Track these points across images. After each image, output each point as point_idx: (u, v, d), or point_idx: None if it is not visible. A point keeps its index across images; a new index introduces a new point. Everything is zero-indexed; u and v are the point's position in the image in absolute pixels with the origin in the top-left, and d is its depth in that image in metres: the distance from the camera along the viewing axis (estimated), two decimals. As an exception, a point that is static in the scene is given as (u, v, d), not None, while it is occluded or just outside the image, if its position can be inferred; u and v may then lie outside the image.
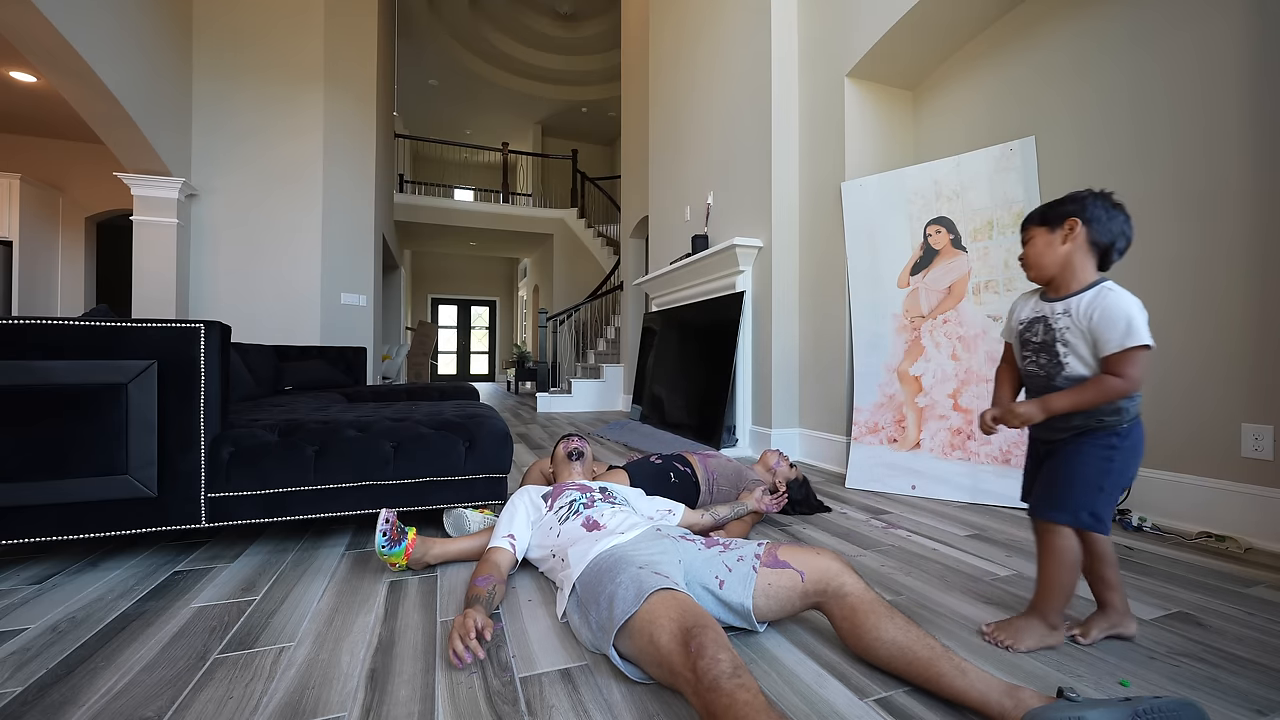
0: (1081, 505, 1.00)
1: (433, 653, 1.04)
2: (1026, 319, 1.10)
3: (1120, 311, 0.95)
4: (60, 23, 2.64)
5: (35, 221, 5.12)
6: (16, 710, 0.86)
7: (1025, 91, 2.34)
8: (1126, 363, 0.95)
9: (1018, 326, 1.12)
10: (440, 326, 12.61)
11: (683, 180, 4.33)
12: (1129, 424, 1.00)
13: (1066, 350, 1.02)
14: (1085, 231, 1.01)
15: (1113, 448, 1.00)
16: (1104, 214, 1.01)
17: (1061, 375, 1.03)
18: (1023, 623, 1.06)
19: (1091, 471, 1.00)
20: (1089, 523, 1.00)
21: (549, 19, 8.13)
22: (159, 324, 1.41)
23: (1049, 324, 1.04)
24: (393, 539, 1.35)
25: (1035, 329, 1.07)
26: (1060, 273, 1.04)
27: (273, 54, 4.53)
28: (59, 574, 1.41)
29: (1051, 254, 1.04)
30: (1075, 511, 1.00)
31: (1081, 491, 1.00)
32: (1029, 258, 1.08)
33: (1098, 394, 0.97)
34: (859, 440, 2.50)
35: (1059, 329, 1.03)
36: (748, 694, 0.71)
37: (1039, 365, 1.07)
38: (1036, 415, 1.02)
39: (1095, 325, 0.97)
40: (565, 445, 1.73)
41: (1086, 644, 1.06)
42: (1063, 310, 1.02)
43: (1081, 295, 1.01)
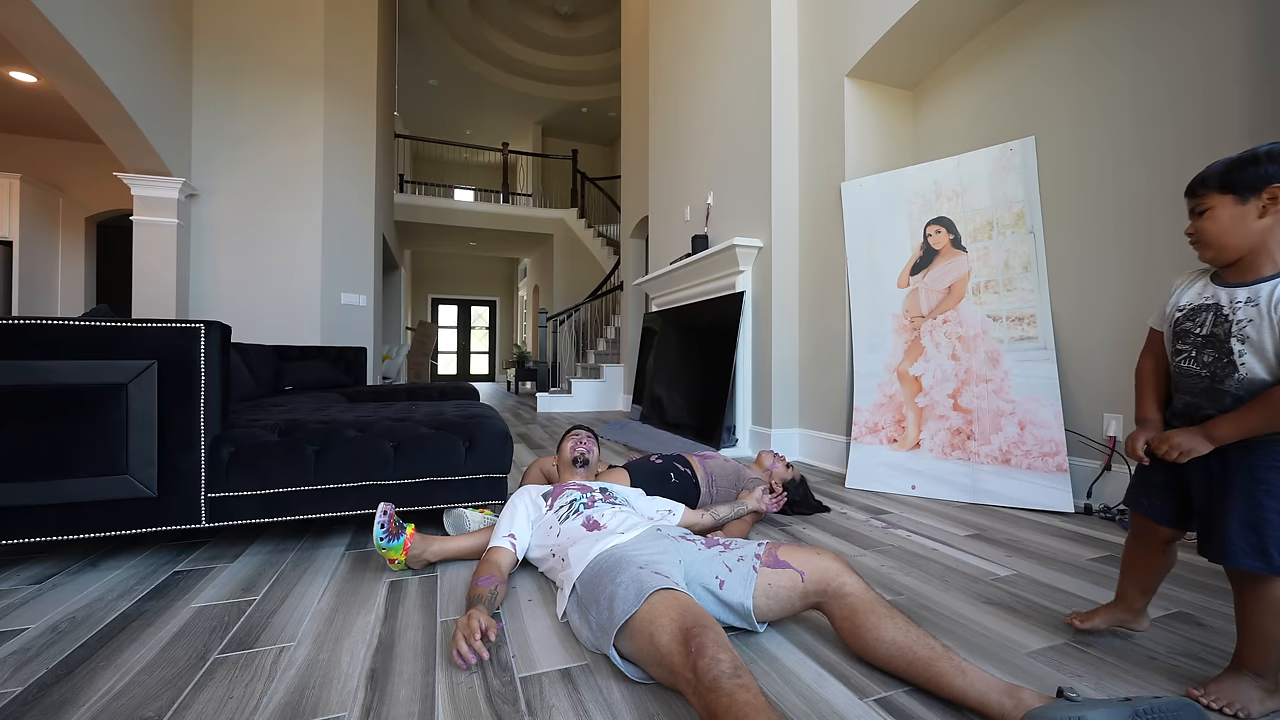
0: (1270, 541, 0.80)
1: (433, 653, 1.04)
2: (1190, 305, 0.90)
3: None
4: (60, 23, 2.64)
5: (35, 221, 5.12)
6: (16, 710, 0.86)
7: (1025, 91, 2.35)
8: None
9: (1175, 314, 0.92)
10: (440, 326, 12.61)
11: (683, 180, 4.33)
12: None
13: (1244, 348, 0.82)
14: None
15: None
16: None
17: (1233, 378, 0.83)
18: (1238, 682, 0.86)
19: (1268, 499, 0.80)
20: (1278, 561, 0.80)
21: (549, 19, 8.13)
22: (159, 324, 1.41)
23: (1223, 313, 0.84)
24: (391, 532, 1.34)
25: (1201, 318, 0.87)
26: (1252, 253, 0.82)
27: (273, 54, 4.53)
28: (59, 574, 1.41)
29: (1243, 229, 0.81)
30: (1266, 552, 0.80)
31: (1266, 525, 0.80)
32: (1207, 234, 0.85)
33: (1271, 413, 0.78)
34: (859, 440, 2.50)
35: (1238, 320, 0.82)
36: (748, 694, 0.71)
37: (1201, 364, 0.87)
38: (1201, 448, 0.84)
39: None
40: (573, 447, 1.70)
41: (1084, 628, 1.06)
42: (1246, 298, 0.82)
43: (1276, 281, 0.80)
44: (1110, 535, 1.73)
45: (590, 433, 1.78)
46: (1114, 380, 1.99)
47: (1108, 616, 1.06)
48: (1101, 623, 1.06)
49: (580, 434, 1.75)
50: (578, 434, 1.75)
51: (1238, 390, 0.83)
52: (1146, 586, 1.04)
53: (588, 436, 1.75)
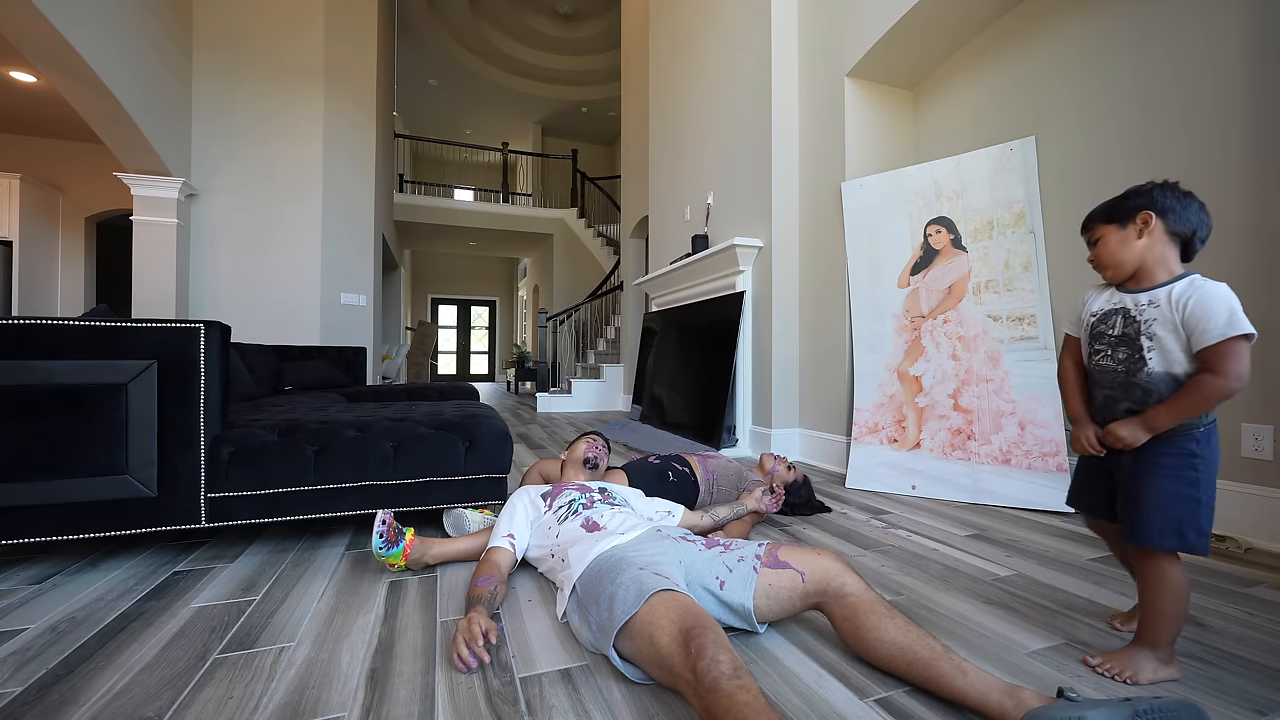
0: (1186, 524, 0.90)
1: (433, 653, 1.04)
2: (1101, 310, 1.02)
3: (1220, 300, 0.88)
4: (60, 22, 2.64)
5: (35, 221, 5.12)
6: (16, 710, 0.86)
7: (1026, 91, 2.34)
8: (1228, 356, 0.87)
9: (1090, 319, 1.03)
10: (440, 326, 12.61)
11: (683, 180, 4.33)
12: (1206, 428, 0.92)
13: (1152, 344, 0.94)
14: (1162, 223, 0.95)
15: (1194, 454, 0.91)
16: (1176, 203, 0.94)
17: (1143, 372, 0.95)
18: (1133, 653, 0.96)
19: (1182, 484, 0.91)
20: (1195, 542, 0.90)
21: (549, 19, 8.13)
22: (159, 324, 1.41)
23: (1131, 315, 0.96)
24: (390, 540, 1.34)
25: (1112, 321, 0.99)
26: (1142, 268, 0.97)
27: (273, 54, 4.53)
28: (59, 574, 1.41)
29: (1128, 250, 0.97)
30: (1181, 533, 0.91)
31: (1181, 508, 0.91)
32: (1102, 258, 1.01)
33: (1199, 399, 0.88)
34: (859, 440, 2.50)
35: (1145, 320, 0.94)
36: (748, 695, 0.71)
37: (1116, 360, 0.98)
38: (1141, 437, 0.93)
39: (1191, 315, 0.89)
40: (589, 447, 1.72)
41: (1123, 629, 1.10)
42: (1148, 301, 0.95)
43: (1172, 285, 0.93)
44: (1110, 535, 1.73)
45: (606, 441, 1.80)
46: (1114, 380, 1.99)
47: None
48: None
49: (597, 440, 1.77)
50: (594, 439, 1.77)
51: (1147, 382, 0.95)
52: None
53: (604, 444, 1.77)
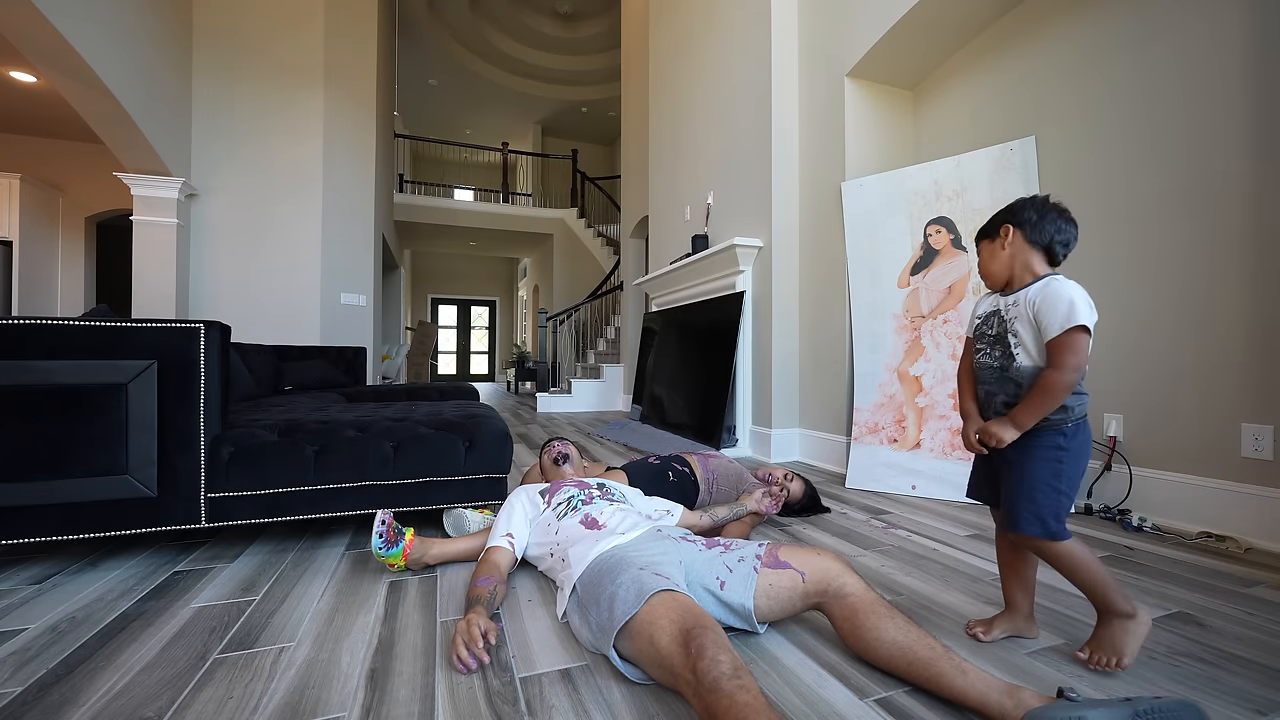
0: (1047, 512, 0.98)
1: (433, 653, 1.04)
2: (984, 313, 1.12)
3: (1062, 296, 0.96)
4: (60, 22, 2.64)
5: (35, 221, 5.12)
6: (16, 710, 0.86)
7: (1026, 91, 2.34)
8: (1065, 348, 0.94)
9: (975, 321, 1.14)
10: (440, 326, 12.61)
11: (683, 180, 4.33)
12: (1075, 423, 0.99)
13: (1017, 341, 1.03)
14: (1020, 233, 1.05)
15: (1060, 448, 0.99)
16: (1034, 215, 1.04)
17: (1013, 367, 1.03)
18: (1106, 633, 0.99)
19: (1046, 474, 0.98)
20: (1056, 529, 0.97)
21: (549, 19, 8.12)
22: (159, 324, 1.41)
23: (1001, 316, 1.06)
24: (389, 540, 1.34)
25: (991, 322, 1.09)
26: (1011, 274, 1.07)
27: (273, 54, 4.53)
28: (59, 574, 1.41)
29: (996, 261, 1.08)
30: (1043, 520, 0.97)
31: (1044, 497, 0.98)
32: (981, 269, 1.13)
33: (1045, 394, 0.96)
34: (859, 440, 2.50)
35: (1009, 319, 1.04)
36: (748, 695, 0.71)
37: (993, 358, 1.07)
38: (1010, 434, 1.00)
39: (1038, 311, 0.98)
40: (549, 453, 1.76)
41: (986, 640, 1.08)
42: (1013, 302, 1.04)
43: (1031, 286, 1.02)
44: (1110, 535, 1.73)
45: (567, 441, 1.83)
46: (1114, 380, 1.99)
47: (1004, 625, 1.10)
48: (1000, 632, 1.09)
49: (554, 442, 1.80)
50: (551, 444, 1.80)
51: (1017, 376, 1.02)
52: (1024, 581, 1.09)
53: (561, 441, 1.80)
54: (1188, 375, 1.82)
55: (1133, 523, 1.79)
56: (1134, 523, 1.79)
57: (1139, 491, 1.89)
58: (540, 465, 1.79)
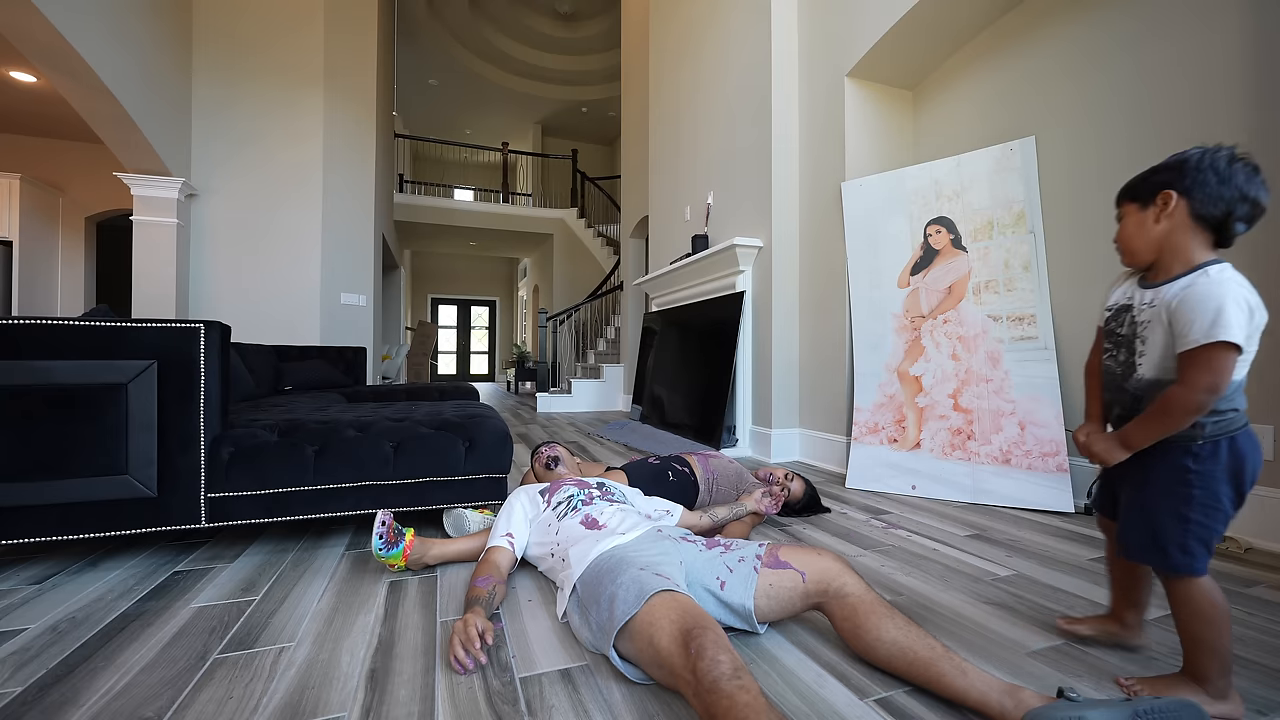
0: (1169, 541, 0.83)
1: (433, 653, 1.04)
2: (1115, 305, 0.92)
3: (1210, 300, 0.76)
4: (60, 23, 2.64)
5: (35, 221, 5.12)
6: (16, 710, 0.86)
7: (1026, 91, 2.34)
8: (1198, 365, 0.77)
9: (1105, 314, 0.95)
10: (440, 326, 12.61)
11: (683, 180, 4.33)
12: (1209, 442, 0.82)
13: (1144, 349, 0.85)
14: (1185, 205, 0.82)
15: (1187, 470, 0.83)
16: (1213, 178, 0.80)
17: (1133, 378, 0.86)
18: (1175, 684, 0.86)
19: (1168, 500, 0.84)
20: (1179, 561, 0.82)
21: (549, 19, 8.13)
22: (159, 324, 1.41)
23: (1133, 315, 0.87)
24: (389, 541, 1.34)
25: (1121, 319, 0.90)
26: (1159, 256, 0.85)
27: (273, 54, 4.53)
28: (59, 574, 1.41)
29: (1144, 236, 0.86)
30: (1164, 550, 0.83)
31: (1165, 524, 0.83)
32: (1119, 240, 0.90)
33: (1165, 414, 0.81)
34: (859, 440, 2.50)
35: (1141, 322, 0.85)
36: (748, 695, 0.71)
37: (1117, 363, 0.90)
38: (1117, 455, 0.86)
39: (1176, 315, 0.80)
40: (539, 460, 1.76)
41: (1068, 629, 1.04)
42: (1150, 300, 0.85)
43: (1176, 281, 0.82)
44: (1110, 535, 1.73)
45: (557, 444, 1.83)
46: (1114, 380, 1.99)
47: (1096, 625, 1.05)
48: (1088, 630, 1.04)
49: (541, 449, 1.80)
50: (539, 450, 1.80)
51: (1135, 389, 0.87)
52: (1132, 598, 1.01)
53: (548, 446, 1.80)
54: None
55: (1133, 523, 1.79)
56: (1134, 523, 1.78)
57: (1139, 491, 1.89)
58: (534, 473, 1.79)
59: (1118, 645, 1.05)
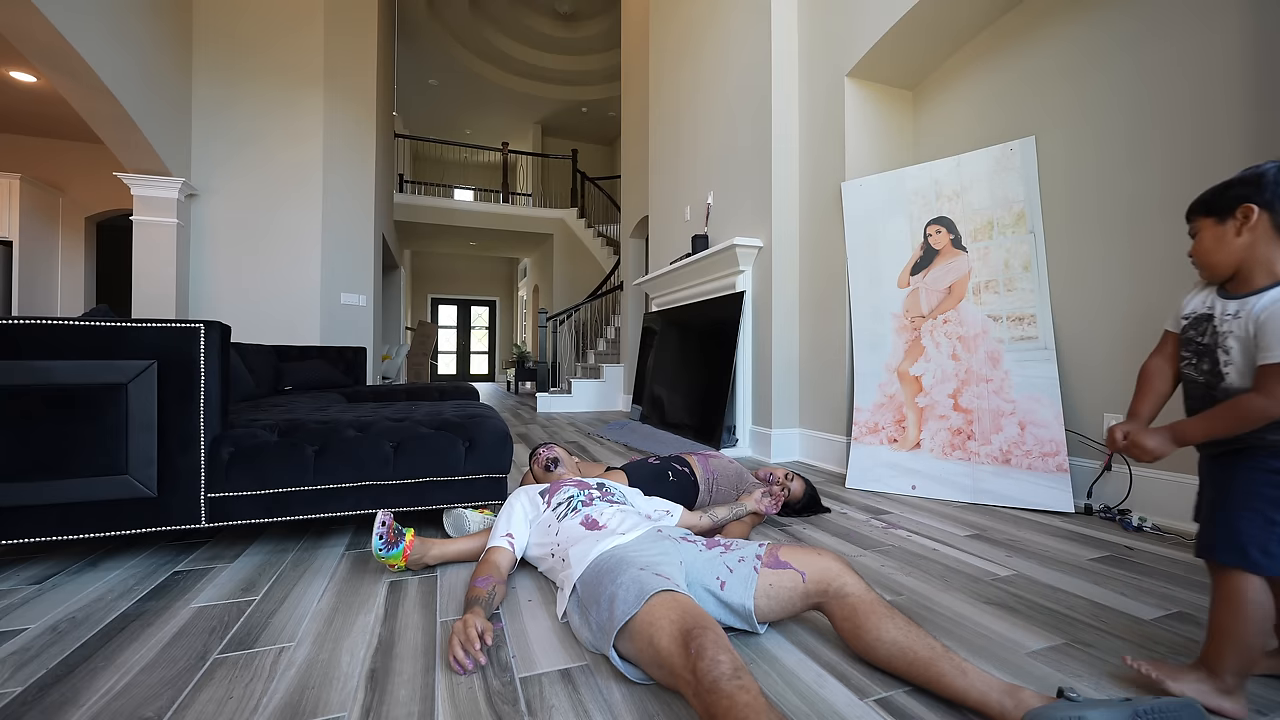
0: (1250, 540, 0.83)
1: (433, 653, 1.04)
2: (1194, 314, 0.93)
3: None
4: (60, 23, 2.64)
5: (35, 221, 5.12)
6: (16, 710, 0.86)
7: (1026, 91, 2.34)
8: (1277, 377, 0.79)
9: (1183, 322, 0.95)
10: (440, 326, 12.61)
11: (683, 180, 4.33)
12: None
13: (1229, 359, 0.86)
14: (1268, 217, 0.83)
15: (1276, 472, 0.83)
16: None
17: (1221, 387, 0.87)
18: (1186, 671, 0.88)
19: (1256, 501, 0.84)
20: (1259, 561, 0.82)
21: (549, 19, 8.13)
22: (159, 324, 1.41)
23: (1214, 324, 0.88)
24: (389, 541, 1.34)
25: (1202, 328, 0.91)
26: (1241, 269, 0.87)
27: (273, 54, 4.53)
28: (59, 574, 1.41)
29: (1225, 249, 0.87)
30: (1243, 548, 0.83)
31: (1248, 526, 0.83)
32: (1197, 255, 0.91)
33: (1234, 418, 0.83)
34: (859, 440, 2.50)
35: (1224, 332, 0.87)
36: (748, 695, 0.71)
37: (1200, 372, 0.91)
38: (1166, 448, 0.88)
39: (1261, 330, 0.81)
40: (537, 462, 1.74)
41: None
42: (1235, 311, 0.86)
43: (1265, 294, 0.83)
44: (1110, 535, 1.73)
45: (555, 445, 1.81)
46: (1114, 380, 1.99)
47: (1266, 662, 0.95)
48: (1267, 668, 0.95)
49: (540, 450, 1.78)
50: (538, 452, 1.78)
51: (1224, 397, 0.87)
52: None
53: (546, 447, 1.79)
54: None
55: (1133, 523, 1.79)
56: (1134, 523, 1.79)
57: (1139, 491, 1.89)
58: (532, 475, 1.78)
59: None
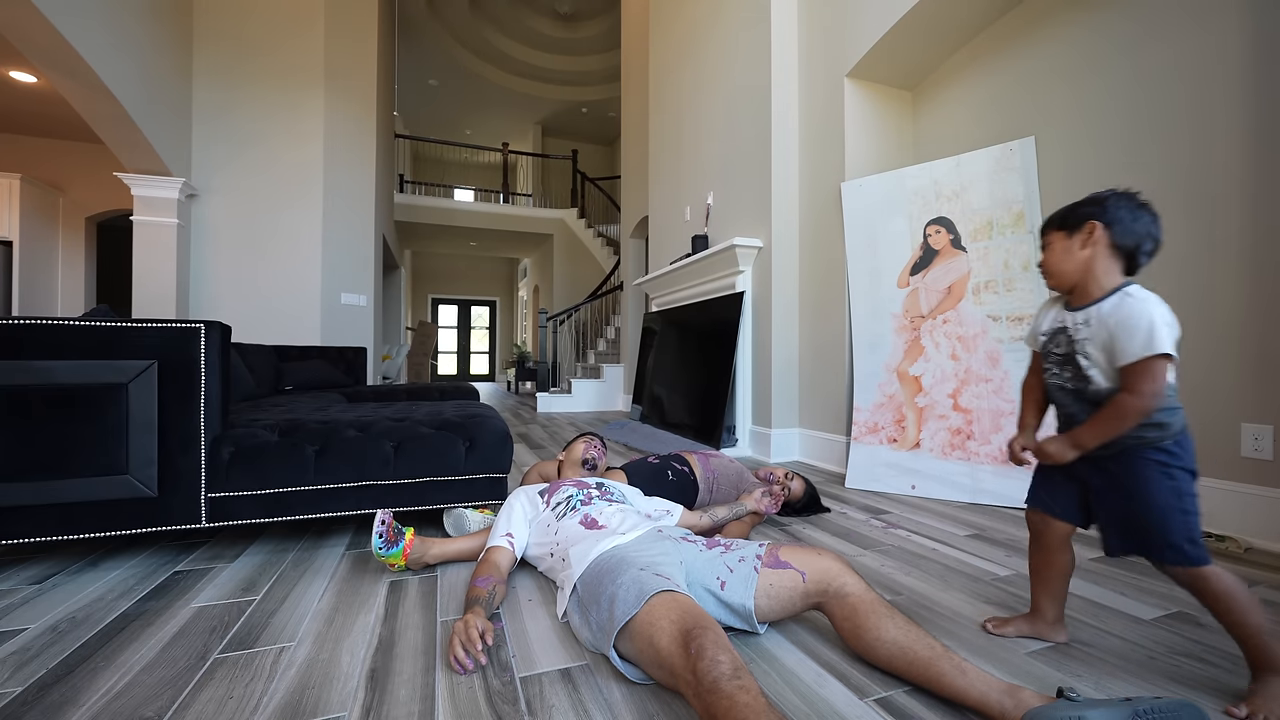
0: (1181, 537, 0.89)
1: (433, 652, 1.04)
2: (1049, 330, 1.02)
3: (1142, 318, 0.87)
4: (60, 23, 2.64)
5: (35, 221, 5.12)
6: (16, 710, 0.86)
7: (1025, 91, 2.34)
8: (1141, 375, 0.87)
9: (1041, 338, 1.05)
10: (440, 326, 12.61)
11: (683, 180, 4.33)
12: (1177, 439, 0.91)
13: (1089, 363, 0.94)
14: (1106, 234, 0.93)
15: (1170, 466, 0.90)
16: (1127, 215, 0.92)
17: (1089, 388, 0.95)
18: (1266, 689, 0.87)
19: (1169, 497, 0.90)
20: (1193, 553, 0.88)
21: (549, 19, 8.13)
22: (159, 324, 1.41)
23: (1069, 335, 0.97)
24: (389, 540, 1.34)
25: (1058, 340, 1.00)
26: (1081, 279, 0.96)
27: (273, 54, 4.53)
28: (59, 574, 1.41)
29: (1070, 260, 0.96)
30: (1180, 548, 0.88)
31: (1175, 522, 0.89)
32: (1047, 265, 1.01)
33: (1116, 419, 0.89)
34: (859, 440, 2.50)
35: (1080, 339, 0.95)
36: (748, 695, 0.71)
37: (1064, 379, 1.00)
38: (1068, 454, 0.95)
39: (1113, 334, 0.90)
40: (586, 448, 1.73)
41: (995, 634, 1.10)
42: (1083, 320, 0.95)
43: (1103, 302, 0.93)
44: (1110, 535, 1.73)
45: (603, 443, 1.81)
46: (1114, 380, 1.99)
47: (1022, 626, 1.09)
48: (1014, 631, 1.09)
49: (595, 440, 1.78)
50: (592, 439, 1.77)
51: (1095, 397, 0.95)
52: (1054, 592, 1.07)
53: (601, 445, 1.78)
54: (1187, 375, 1.81)
55: (1133, 523, 1.79)
56: (1134, 523, 1.79)
57: (1139, 491, 1.89)
58: (569, 447, 1.76)
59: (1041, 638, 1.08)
